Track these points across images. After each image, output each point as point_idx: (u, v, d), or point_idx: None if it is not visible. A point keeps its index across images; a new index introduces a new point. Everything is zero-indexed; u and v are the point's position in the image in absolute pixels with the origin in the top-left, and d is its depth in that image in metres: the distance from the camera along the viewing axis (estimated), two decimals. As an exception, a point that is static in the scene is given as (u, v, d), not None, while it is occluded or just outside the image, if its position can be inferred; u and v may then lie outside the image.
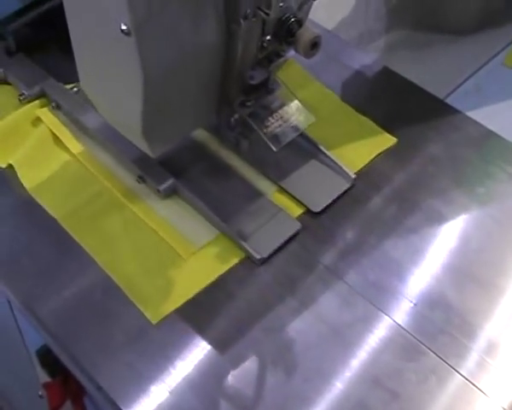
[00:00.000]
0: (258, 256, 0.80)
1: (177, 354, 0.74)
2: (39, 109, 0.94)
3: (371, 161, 0.90)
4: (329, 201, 0.85)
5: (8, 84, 0.99)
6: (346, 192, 0.86)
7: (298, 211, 0.85)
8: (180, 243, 0.82)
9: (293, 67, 0.98)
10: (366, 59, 1.03)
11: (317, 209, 0.84)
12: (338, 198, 0.86)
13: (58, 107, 0.94)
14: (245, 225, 0.83)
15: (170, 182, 0.85)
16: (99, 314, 0.77)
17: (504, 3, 1.09)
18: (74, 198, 0.86)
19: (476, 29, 1.08)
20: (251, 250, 0.80)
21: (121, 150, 0.87)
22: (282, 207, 0.84)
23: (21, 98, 0.95)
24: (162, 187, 0.85)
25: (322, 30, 1.02)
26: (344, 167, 0.87)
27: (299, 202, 0.85)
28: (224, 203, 0.85)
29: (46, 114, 0.94)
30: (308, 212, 0.85)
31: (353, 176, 0.86)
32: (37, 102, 0.95)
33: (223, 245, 0.82)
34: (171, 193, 0.86)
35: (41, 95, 0.96)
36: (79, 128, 0.92)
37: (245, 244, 0.81)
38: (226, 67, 0.74)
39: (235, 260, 0.81)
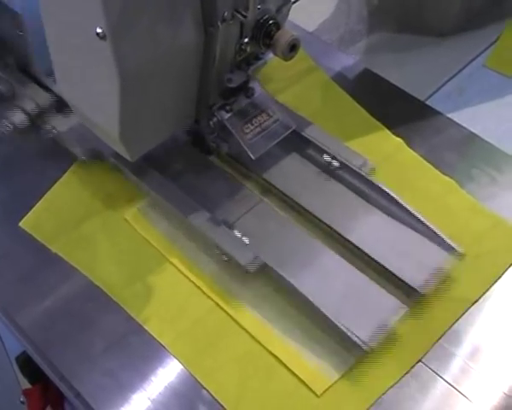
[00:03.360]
0: None
1: (159, 362, 0.73)
2: (128, 210, 0.83)
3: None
4: None
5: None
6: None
7: None
8: (310, 375, 0.70)
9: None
10: (347, 61, 1.03)
11: None
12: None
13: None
14: None
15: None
16: (79, 322, 0.76)
17: (484, 5, 1.09)
18: (181, 317, 0.76)
19: (457, 31, 1.08)
20: None
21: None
22: None
23: None
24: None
25: (302, 32, 1.02)
26: None
27: None
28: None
29: (135, 216, 0.83)
30: None
31: None
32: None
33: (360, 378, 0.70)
34: None
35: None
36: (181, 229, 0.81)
37: None
38: (204, 70, 0.74)
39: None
